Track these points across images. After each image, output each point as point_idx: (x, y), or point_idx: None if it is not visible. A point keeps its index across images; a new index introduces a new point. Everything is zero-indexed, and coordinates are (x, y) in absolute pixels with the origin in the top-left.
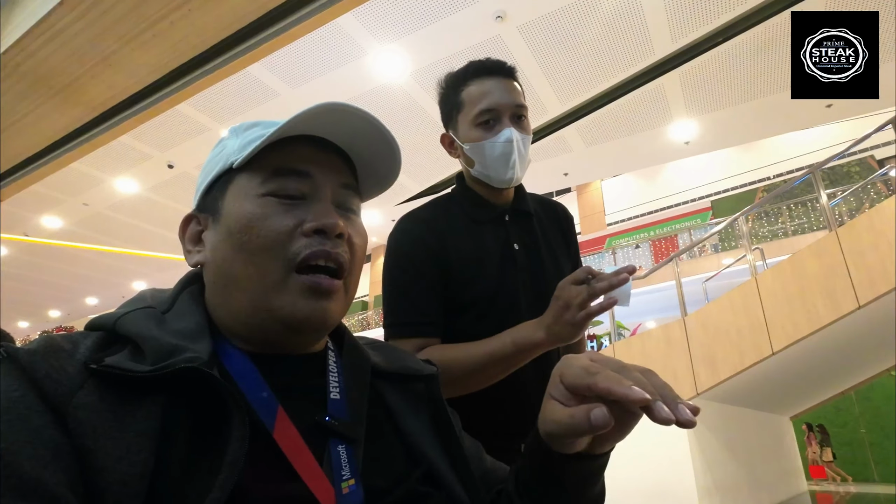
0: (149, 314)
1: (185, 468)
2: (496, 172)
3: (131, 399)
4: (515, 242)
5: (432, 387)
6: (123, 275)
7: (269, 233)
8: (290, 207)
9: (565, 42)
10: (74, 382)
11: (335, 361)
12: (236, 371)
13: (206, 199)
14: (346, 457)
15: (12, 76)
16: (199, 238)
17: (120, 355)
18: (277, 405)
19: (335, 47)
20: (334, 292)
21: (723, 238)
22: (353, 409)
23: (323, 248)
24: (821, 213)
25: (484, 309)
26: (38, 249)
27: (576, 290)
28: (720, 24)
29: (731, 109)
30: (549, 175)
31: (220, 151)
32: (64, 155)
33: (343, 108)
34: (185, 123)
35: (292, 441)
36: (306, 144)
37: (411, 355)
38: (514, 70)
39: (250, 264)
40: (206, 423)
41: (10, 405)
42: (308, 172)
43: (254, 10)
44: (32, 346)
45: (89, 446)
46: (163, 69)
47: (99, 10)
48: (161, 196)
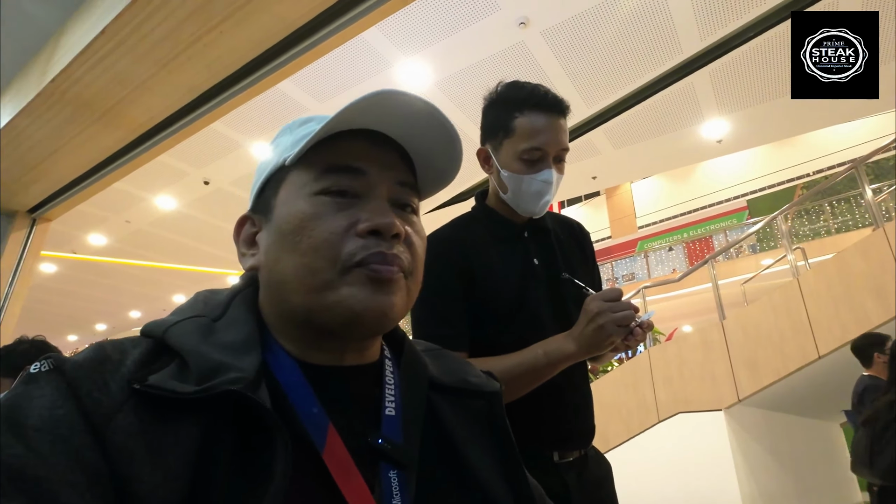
0: (198, 324)
1: (225, 494)
2: (526, 205)
3: (172, 419)
4: (535, 258)
5: (495, 405)
6: (164, 288)
7: (322, 233)
8: (343, 206)
9: (590, 45)
10: (115, 402)
11: (392, 372)
12: (287, 382)
13: (260, 199)
14: (399, 484)
15: (59, 103)
16: (254, 240)
17: (164, 372)
18: (328, 422)
19: (361, 61)
20: (395, 281)
21: (761, 238)
22: (409, 428)
23: (379, 251)
24: (865, 209)
25: (506, 322)
26: (84, 266)
27: (606, 306)
28: (750, 19)
29: (765, 105)
30: (577, 179)
31: (275, 148)
32: (107, 175)
33: (397, 95)
34: (218, 141)
35: (342, 464)
36: (361, 139)
37: (472, 366)
38: (569, 109)
39: (301, 265)
40: (250, 447)
41: (54, 424)
42: (362, 169)
43: (282, 28)
44: (80, 358)
45: (125, 474)
46: (197, 90)
47: (137, 36)
48: (198, 211)
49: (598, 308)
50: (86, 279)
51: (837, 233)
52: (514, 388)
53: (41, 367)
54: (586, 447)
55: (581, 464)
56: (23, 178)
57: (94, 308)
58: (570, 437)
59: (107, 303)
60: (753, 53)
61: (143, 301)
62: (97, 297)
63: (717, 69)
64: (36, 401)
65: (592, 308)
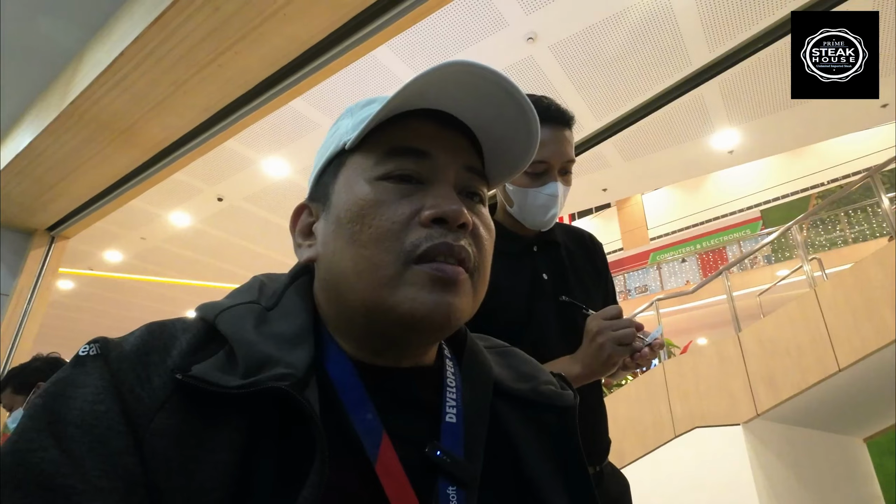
0: (251, 311)
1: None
2: (532, 218)
3: (215, 419)
4: (544, 272)
5: (568, 421)
6: (177, 304)
7: (383, 222)
8: (407, 192)
9: (598, 58)
10: (157, 399)
11: (454, 374)
12: (340, 381)
13: (318, 185)
14: (458, 503)
15: (79, 124)
16: (311, 230)
17: (210, 362)
18: (382, 431)
19: (372, 78)
20: (460, 283)
21: (776, 249)
22: (471, 440)
23: (444, 241)
24: (882, 218)
25: (514, 339)
26: (99, 282)
27: (606, 324)
28: (759, 29)
29: (776, 115)
30: (588, 192)
31: (334, 132)
32: (124, 193)
33: (469, 66)
34: (232, 158)
35: (396, 479)
36: (427, 121)
37: (543, 370)
38: (573, 120)
39: (361, 259)
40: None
41: (94, 422)
42: (427, 152)
43: (295, 48)
44: (128, 346)
45: (161, 485)
46: (212, 109)
47: (154, 58)
48: (212, 227)
49: (597, 327)
50: (101, 295)
51: (854, 242)
52: None
53: (89, 350)
54: (601, 463)
55: (597, 480)
56: (42, 196)
57: (109, 324)
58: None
59: (121, 319)
60: (763, 64)
61: (158, 316)
62: (112, 314)
63: (726, 80)
64: (80, 390)
65: (592, 327)
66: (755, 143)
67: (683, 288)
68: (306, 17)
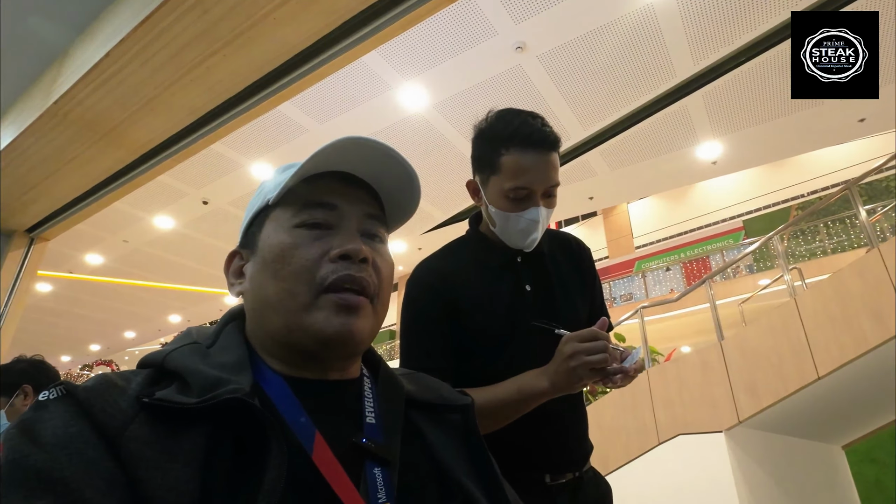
0: (194, 349)
1: (227, 495)
2: (513, 241)
3: (179, 430)
4: (527, 284)
5: (468, 417)
6: (160, 308)
7: (300, 260)
8: (318, 237)
9: (586, 68)
10: (127, 416)
11: (370, 388)
12: (276, 396)
13: (247, 235)
14: (382, 479)
15: (62, 124)
16: (241, 272)
17: (169, 389)
18: (315, 429)
19: (361, 84)
20: (361, 308)
21: (758, 258)
22: (388, 433)
23: (348, 273)
24: (860, 229)
25: (496, 352)
26: (79, 286)
27: (581, 348)
28: (742, 43)
29: (758, 128)
30: (574, 200)
31: (260, 192)
32: (107, 195)
33: (361, 141)
34: (218, 161)
35: (330, 464)
36: (334, 179)
37: (446, 386)
38: (559, 142)
39: (282, 290)
40: (248, 452)
41: (68, 440)
42: (333, 204)
43: (284, 52)
44: (90, 384)
45: (141, 476)
46: (199, 111)
47: (141, 59)
48: (196, 231)
49: (571, 350)
50: (81, 299)
51: (833, 253)
52: (490, 422)
53: (50, 394)
54: (581, 469)
55: (575, 485)
56: (22, 197)
57: (88, 328)
58: (561, 462)
59: (101, 323)
60: (746, 77)
61: (139, 321)
62: (92, 318)
63: (710, 92)
64: (48, 423)
65: (566, 351)
66: (738, 155)
67: (668, 296)
68: (296, 22)
